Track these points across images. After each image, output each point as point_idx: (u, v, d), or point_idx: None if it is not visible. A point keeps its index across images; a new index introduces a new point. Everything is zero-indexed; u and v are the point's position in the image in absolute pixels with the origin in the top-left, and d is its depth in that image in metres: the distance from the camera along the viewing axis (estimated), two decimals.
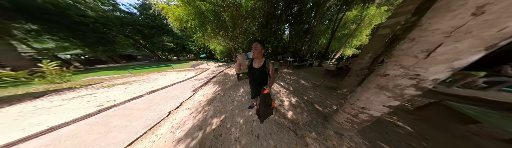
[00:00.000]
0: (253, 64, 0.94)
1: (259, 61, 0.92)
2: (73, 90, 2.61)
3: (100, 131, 1.25)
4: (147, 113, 1.56)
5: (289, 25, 8.33)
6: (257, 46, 0.82)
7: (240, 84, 2.76)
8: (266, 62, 0.89)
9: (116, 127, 1.29)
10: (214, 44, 7.26)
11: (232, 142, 1.01)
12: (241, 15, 4.46)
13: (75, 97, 2.16)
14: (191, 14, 3.65)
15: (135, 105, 1.82)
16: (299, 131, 1.14)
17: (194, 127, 1.24)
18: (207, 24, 4.14)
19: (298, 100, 1.83)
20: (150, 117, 1.47)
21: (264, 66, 0.89)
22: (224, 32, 5.03)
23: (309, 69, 4.80)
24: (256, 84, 1.06)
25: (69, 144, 1.10)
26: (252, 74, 0.99)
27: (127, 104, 1.86)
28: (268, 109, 0.90)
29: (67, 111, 1.62)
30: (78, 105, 1.80)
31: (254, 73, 0.97)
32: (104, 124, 1.37)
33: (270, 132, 1.13)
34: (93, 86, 2.92)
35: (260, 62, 0.92)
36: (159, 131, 1.22)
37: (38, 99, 2.13)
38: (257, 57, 0.89)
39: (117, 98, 1.99)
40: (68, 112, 1.58)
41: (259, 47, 0.82)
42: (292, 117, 1.38)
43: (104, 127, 1.32)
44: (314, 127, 1.20)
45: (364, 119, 0.83)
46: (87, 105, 1.78)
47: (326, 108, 1.59)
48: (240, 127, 1.21)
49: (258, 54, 0.84)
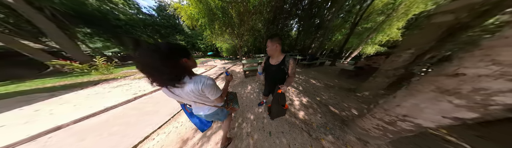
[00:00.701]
0: (270, 60, 0.87)
1: (277, 58, 0.82)
2: (116, 80, 3.24)
3: (138, 114, 1.52)
4: (169, 102, 1.78)
5: (298, 20, 7.51)
6: (268, 44, 0.74)
7: (248, 81, 2.76)
8: (285, 59, 0.77)
9: (149, 112, 1.53)
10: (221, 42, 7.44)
11: (245, 136, 1.04)
12: (248, 11, 4.36)
13: (118, 86, 2.67)
14: (201, 12, 3.79)
15: (159, 95, 2.10)
16: (313, 133, 1.08)
17: None
18: (215, 21, 4.22)
19: (309, 100, 1.72)
20: (171, 106, 1.68)
21: (283, 63, 0.78)
22: (231, 29, 5.05)
23: (320, 68, 4.39)
24: (271, 81, 0.99)
25: (119, 122, 1.38)
26: (268, 71, 0.91)
27: (153, 94, 2.17)
28: (280, 109, 0.83)
29: (114, 96, 2.03)
30: (121, 92, 2.22)
31: (270, 70, 0.89)
32: (139, 109, 1.66)
33: (282, 130, 1.11)
34: (128, 77, 3.53)
35: (279, 58, 0.81)
36: (180, 119, 1.38)
37: (95, 86, 2.76)
38: (273, 54, 0.81)
39: (146, 89, 2.34)
40: (115, 97, 1.98)
41: (270, 44, 0.73)
42: (304, 117, 1.31)
43: (140, 111, 1.59)
44: (330, 130, 1.11)
45: (405, 128, 0.69)
46: (126, 93, 2.18)
47: (343, 111, 1.44)
48: (251, 123, 1.23)
49: (273, 51, 0.76)
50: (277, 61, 0.82)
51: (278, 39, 0.72)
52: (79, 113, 1.50)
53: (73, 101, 1.94)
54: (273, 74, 0.90)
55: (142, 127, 1.24)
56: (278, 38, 0.72)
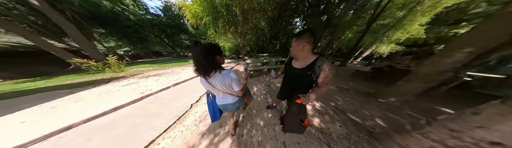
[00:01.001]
0: (293, 62, 0.67)
1: (304, 60, 0.60)
2: (126, 78, 3.34)
3: (144, 115, 1.49)
4: (174, 103, 1.73)
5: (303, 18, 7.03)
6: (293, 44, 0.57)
7: (253, 82, 2.64)
8: (317, 62, 0.55)
9: (154, 114, 1.50)
10: (224, 41, 7.35)
11: (256, 146, 0.93)
12: (253, 8, 4.23)
13: (127, 84, 2.74)
14: (205, 10, 3.76)
15: (164, 95, 2.08)
16: (334, 145, 0.93)
17: (215, 124, 1.24)
18: (219, 20, 4.17)
19: (323, 105, 1.54)
20: (177, 107, 1.63)
21: (311, 68, 0.56)
22: (234, 28, 4.97)
23: None
24: (290, 87, 0.78)
25: (126, 121, 1.36)
26: (290, 74, 0.72)
27: (159, 94, 2.17)
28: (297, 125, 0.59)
29: (123, 95, 2.07)
30: (129, 91, 2.25)
31: (292, 73, 0.68)
32: (145, 109, 1.63)
33: (298, 140, 0.97)
34: (136, 76, 3.63)
35: (306, 61, 0.58)
36: (185, 122, 1.31)
37: (107, 84, 2.87)
38: (297, 56, 0.61)
39: (152, 88, 2.35)
40: (123, 96, 2.01)
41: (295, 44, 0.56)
42: (320, 125, 1.15)
43: (146, 111, 1.56)
44: (356, 144, 0.94)
45: None
46: (134, 92, 2.20)
47: (367, 121, 1.24)
48: (261, 130, 1.11)
49: (298, 52, 0.57)
50: (303, 64, 0.59)
51: (308, 36, 0.52)
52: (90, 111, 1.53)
53: (87, 98, 2.01)
54: (294, 79, 0.70)
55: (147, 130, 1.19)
56: (308, 35, 0.52)
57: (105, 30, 10.60)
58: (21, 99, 2.12)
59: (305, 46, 0.54)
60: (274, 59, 3.24)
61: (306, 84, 0.67)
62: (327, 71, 0.53)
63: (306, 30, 0.54)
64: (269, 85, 2.45)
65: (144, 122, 1.34)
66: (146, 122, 1.33)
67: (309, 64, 0.57)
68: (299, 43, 0.55)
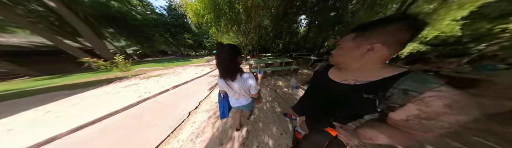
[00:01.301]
0: (331, 73, 0.42)
1: (360, 74, 0.33)
2: (128, 79, 3.30)
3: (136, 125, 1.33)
4: (171, 110, 1.55)
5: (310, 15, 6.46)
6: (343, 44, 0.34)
7: None
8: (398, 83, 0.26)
9: (146, 124, 1.32)
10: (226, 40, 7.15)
11: None
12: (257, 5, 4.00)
13: (127, 86, 2.65)
14: (207, 7, 3.57)
15: (162, 100, 1.92)
16: None
17: (214, 140, 1.03)
18: (221, 18, 3.98)
19: None
20: (174, 115, 1.44)
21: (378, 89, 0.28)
22: (237, 26, 4.79)
23: None
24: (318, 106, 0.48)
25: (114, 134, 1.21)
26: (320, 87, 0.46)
27: (157, 98, 2.01)
28: None
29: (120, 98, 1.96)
30: (127, 94, 2.14)
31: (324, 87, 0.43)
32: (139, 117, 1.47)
33: None
34: (138, 76, 3.58)
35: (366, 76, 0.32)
36: (181, 136, 1.11)
37: (108, 85, 2.82)
38: (346, 64, 0.36)
39: (151, 90, 2.22)
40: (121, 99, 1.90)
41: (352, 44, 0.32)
42: None
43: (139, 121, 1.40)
44: None
45: None
46: (133, 94, 2.08)
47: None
48: None
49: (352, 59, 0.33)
50: (355, 79, 0.33)
51: (388, 33, 0.27)
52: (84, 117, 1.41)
53: (84, 101, 1.92)
54: (328, 98, 0.42)
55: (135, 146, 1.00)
56: (390, 30, 0.26)
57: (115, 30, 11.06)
58: (22, 100, 2.11)
59: (375, 50, 0.29)
60: (279, 60, 2.98)
61: (351, 110, 0.37)
62: (435, 107, 0.22)
63: (388, 20, 0.26)
64: (275, 89, 2.17)
65: (134, 135, 1.16)
66: (135, 136, 1.15)
67: (374, 82, 0.30)
68: (361, 44, 0.30)
